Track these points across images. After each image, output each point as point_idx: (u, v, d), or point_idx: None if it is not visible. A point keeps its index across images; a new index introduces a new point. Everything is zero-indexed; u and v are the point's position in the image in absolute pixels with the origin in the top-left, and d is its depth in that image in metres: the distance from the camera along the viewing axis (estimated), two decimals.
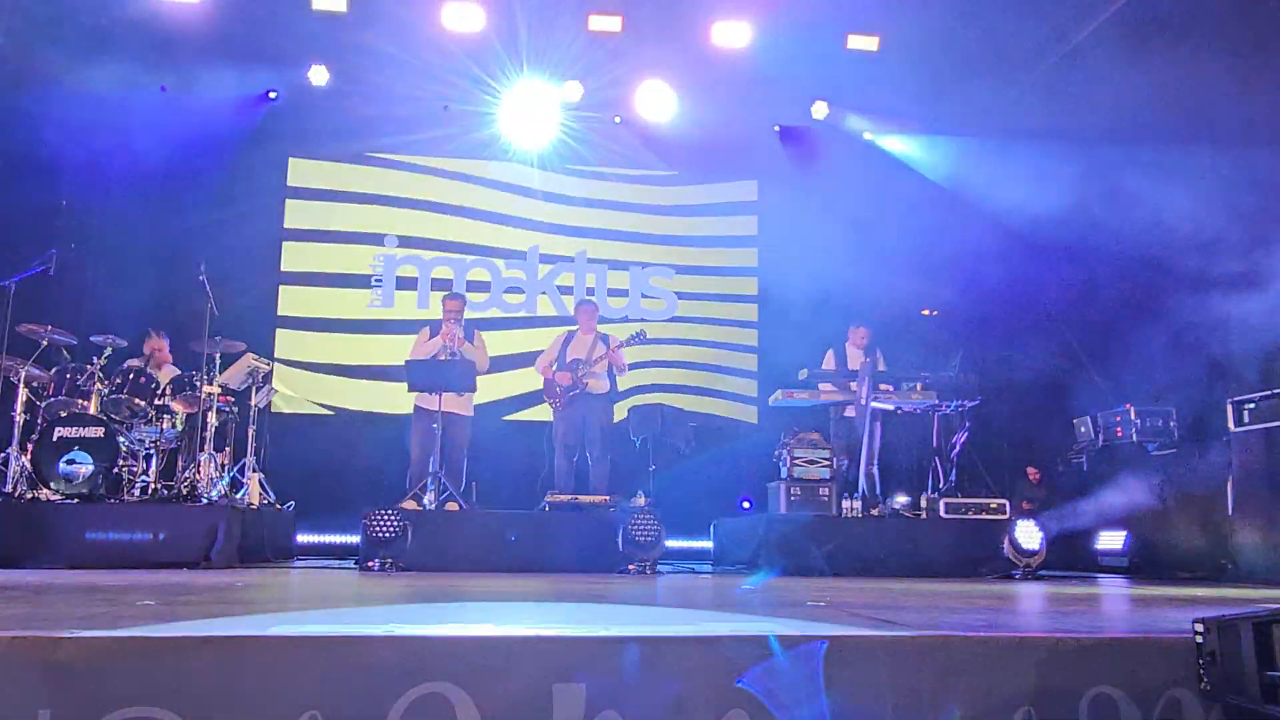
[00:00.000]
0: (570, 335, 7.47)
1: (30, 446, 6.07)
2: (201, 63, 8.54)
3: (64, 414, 6.22)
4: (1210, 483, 6.34)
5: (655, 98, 9.14)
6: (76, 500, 5.93)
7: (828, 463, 6.74)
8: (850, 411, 7.24)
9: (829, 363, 7.50)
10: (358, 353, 9.20)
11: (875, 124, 9.72)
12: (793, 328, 8.47)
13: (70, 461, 5.97)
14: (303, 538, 8.14)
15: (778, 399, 7.22)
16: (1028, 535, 6.16)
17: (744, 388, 9.78)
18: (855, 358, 7.44)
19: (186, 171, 8.79)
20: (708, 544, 7.95)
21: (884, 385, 6.97)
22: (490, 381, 7.77)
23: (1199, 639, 1.99)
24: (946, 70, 8.62)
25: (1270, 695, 1.82)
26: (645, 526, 5.97)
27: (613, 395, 7.33)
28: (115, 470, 6.09)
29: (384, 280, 9.46)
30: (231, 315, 6.93)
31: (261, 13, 8.25)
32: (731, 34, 8.40)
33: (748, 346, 9.89)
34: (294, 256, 9.36)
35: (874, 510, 6.77)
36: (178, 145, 8.64)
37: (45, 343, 6.61)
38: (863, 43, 8.44)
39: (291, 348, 9.15)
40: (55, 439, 6.00)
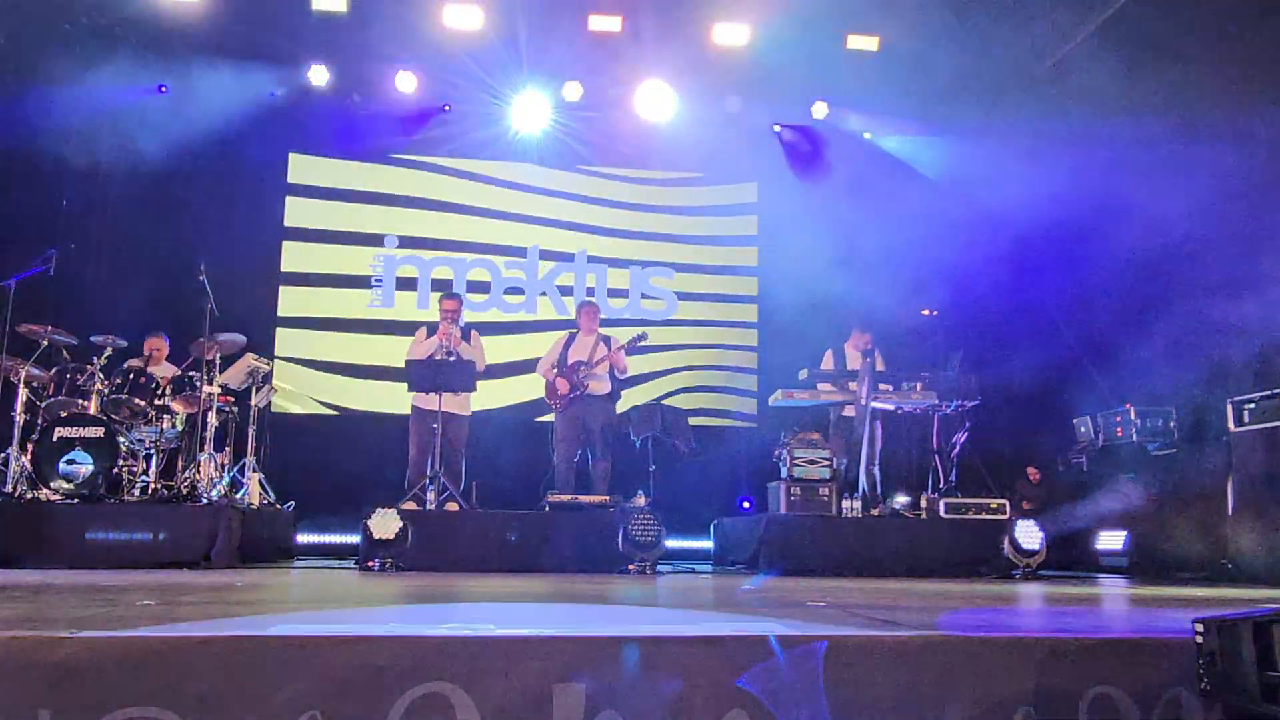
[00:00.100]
0: (571, 336, 7.46)
1: (30, 446, 6.06)
2: (201, 62, 8.54)
3: (64, 414, 6.21)
4: (1210, 483, 6.33)
5: (655, 98, 9.15)
6: (76, 500, 5.92)
7: (828, 463, 6.73)
8: (850, 411, 7.23)
9: (828, 363, 7.49)
10: (358, 353, 9.20)
11: (875, 124, 9.72)
12: (793, 328, 8.47)
13: (70, 461, 5.97)
14: (303, 538, 8.15)
15: (778, 399, 7.22)
16: (1028, 535, 6.16)
17: (744, 388, 9.78)
18: (854, 359, 7.43)
19: (186, 171, 8.81)
20: (708, 544, 7.95)
21: (884, 385, 6.96)
22: (492, 387, 7.77)
23: (1199, 639, 1.99)
24: (946, 70, 8.62)
25: (1270, 695, 1.82)
26: (645, 526, 5.97)
27: (614, 396, 7.33)
28: (115, 470, 6.08)
29: (384, 280, 9.46)
30: (231, 315, 6.92)
31: (261, 13, 8.26)
32: (731, 34, 8.41)
33: (748, 346, 9.90)
34: (294, 256, 9.36)
35: (874, 510, 6.77)
36: (178, 145, 8.66)
37: (45, 343, 6.60)
38: (863, 43, 8.46)
39: (292, 348, 9.15)
40: (55, 439, 6.00)
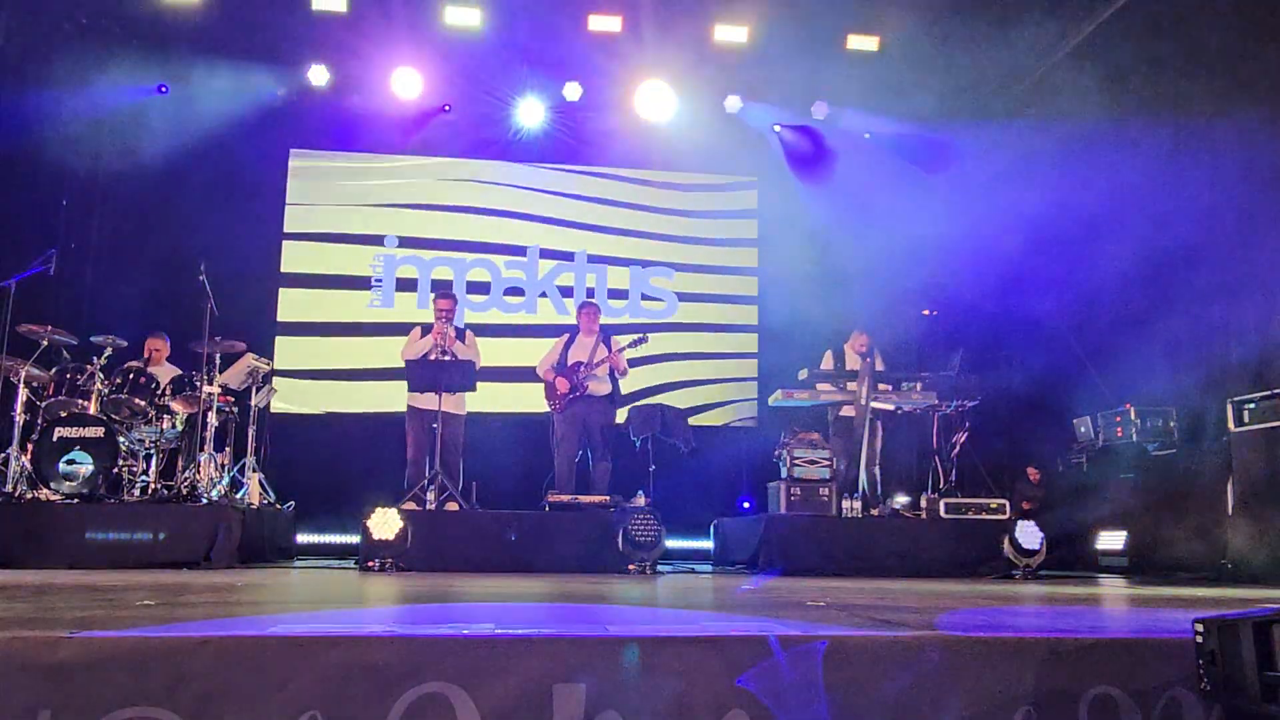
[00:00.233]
0: (572, 337, 7.45)
1: (30, 446, 6.06)
2: (202, 62, 8.55)
3: (64, 414, 6.21)
4: (1210, 483, 6.33)
5: (655, 98, 9.15)
6: (76, 500, 5.92)
7: (828, 463, 6.73)
8: (850, 411, 7.23)
9: (827, 363, 7.49)
10: (358, 353, 9.20)
11: (875, 124, 9.72)
12: (793, 328, 8.48)
13: (70, 461, 5.97)
14: (303, 538, 8.15)
15: (778, 399, 7.21)
16: (1028, 535, 6.16)
17: (744, 388, 9.78)
18: (854, 360, 7.43)
19: (187, 171, 8.81)
20: (708, 544, 7.94)
21: (883, 385, 6.97)
22: (491, 391, 7.77)
23: (1199, 639, 1.99)
24: (946, 70, 8.63)
25: (1270, 695, 1.82)
26: (645, 526, 5.97)
27: (614, 396, 7.33)
28: (115, 470, 6.08)
29: (384, 281, 9.46)
30: (231, 315, 6.92)
31: (261, 13, 8.27)
32: (731, 34, 8.41)
33: (748, 347, 9.89)
34: (294, 257, 9.36)
35: (874, 510, 6.77)
36: (178, 145, 8.66)
37: (45, 343, 6.60)
38: (863, 43, 8.47)
39: (291, 348, 9.15)
40: (55, 439, 6.00)
